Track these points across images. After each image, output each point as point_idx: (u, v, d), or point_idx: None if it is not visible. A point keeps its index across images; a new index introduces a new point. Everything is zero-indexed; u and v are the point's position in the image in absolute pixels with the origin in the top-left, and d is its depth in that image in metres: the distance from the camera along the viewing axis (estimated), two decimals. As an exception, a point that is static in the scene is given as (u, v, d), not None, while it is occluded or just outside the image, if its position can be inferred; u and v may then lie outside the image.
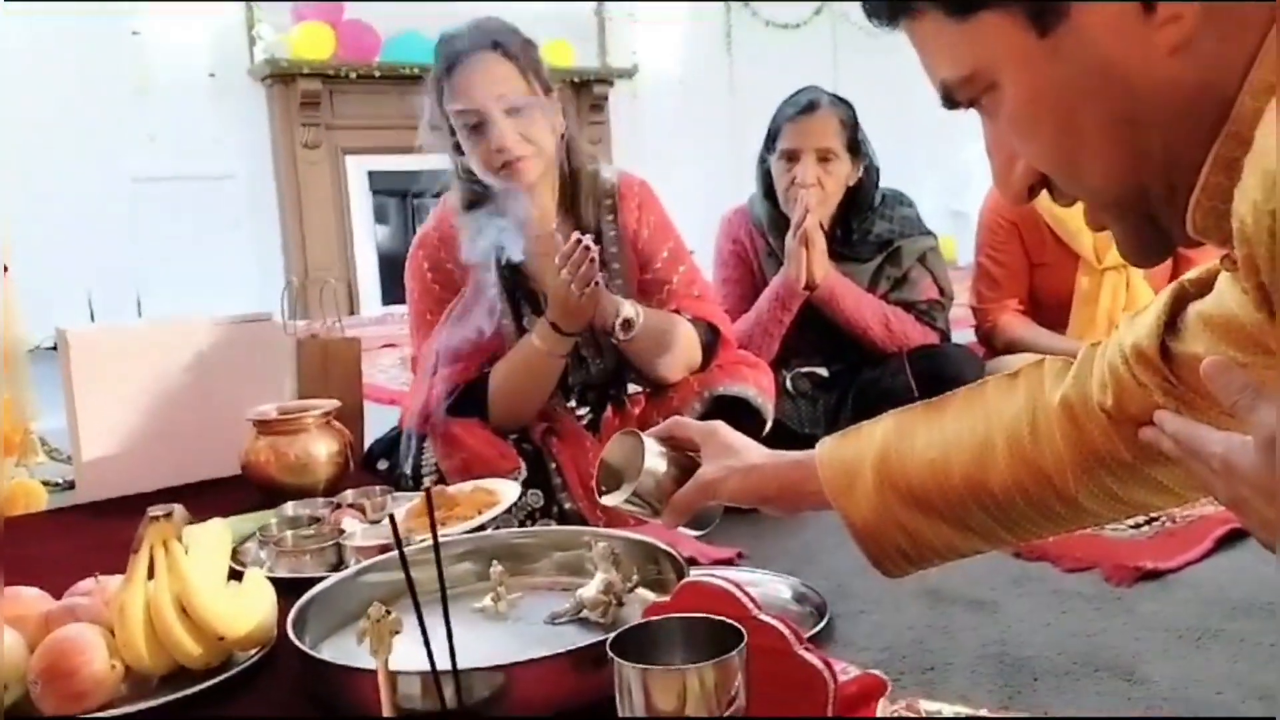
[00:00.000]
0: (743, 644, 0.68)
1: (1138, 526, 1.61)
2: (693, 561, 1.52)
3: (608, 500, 1.04)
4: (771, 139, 2.18)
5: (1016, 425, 0.86)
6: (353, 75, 6.05)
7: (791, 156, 2.13)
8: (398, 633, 0.76)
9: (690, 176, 6.85)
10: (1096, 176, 0.58)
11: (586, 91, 6.86)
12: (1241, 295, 0.59)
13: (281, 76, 5.98)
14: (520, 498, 1.56)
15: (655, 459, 1.02)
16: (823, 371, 2.21)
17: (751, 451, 1.02)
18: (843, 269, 2.14)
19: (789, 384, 2.17)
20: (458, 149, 1.72)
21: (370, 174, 6.38)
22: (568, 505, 1.66)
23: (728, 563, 1.55)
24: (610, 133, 7.08)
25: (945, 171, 6.81)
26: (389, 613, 0.76)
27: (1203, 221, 0.54)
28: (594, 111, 6.94)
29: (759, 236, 2.25)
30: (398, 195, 6.64)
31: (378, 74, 6.07)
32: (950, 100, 0.61)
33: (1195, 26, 0.51)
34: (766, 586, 1.42)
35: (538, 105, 1.68)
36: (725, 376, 1.78)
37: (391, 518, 0.73)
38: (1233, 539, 1.52)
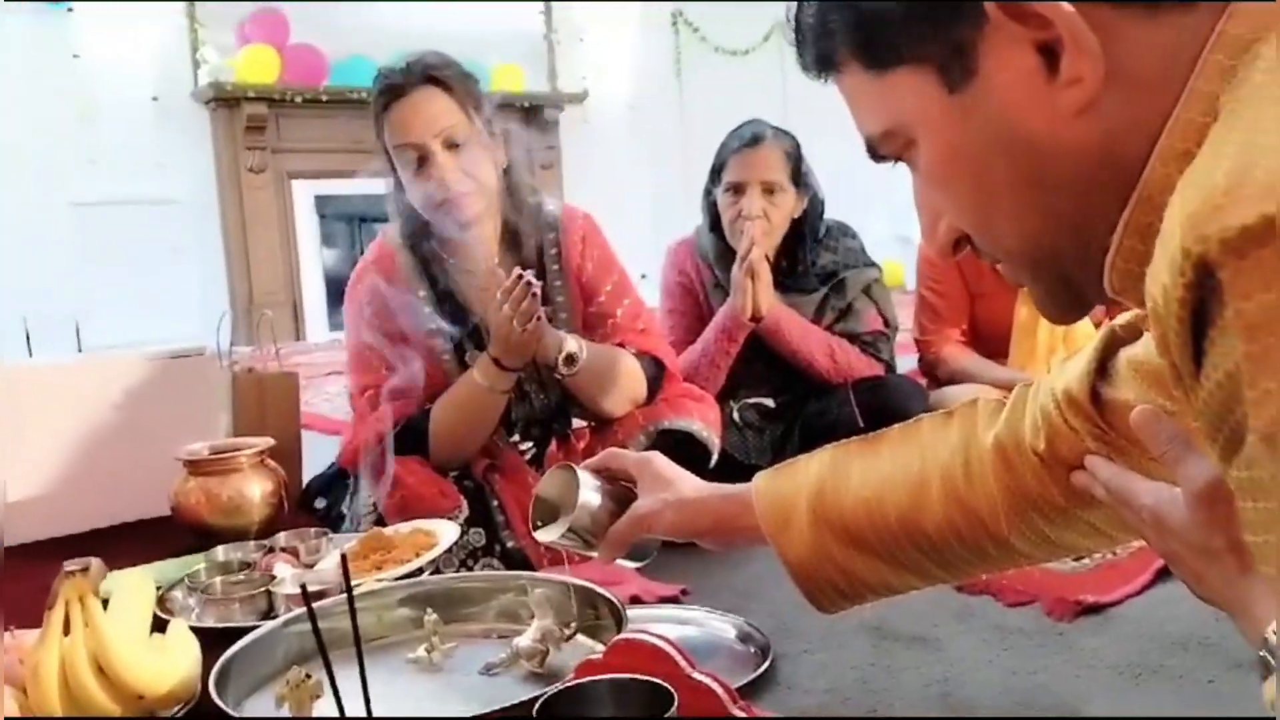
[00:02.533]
0: (673, 707, 0.66)
1: (1079, 559, 1.62)
2: (637, 600, 1.50)
3: (542, 536, 1.02)
4: (717, 172, 2.19)
5: (950, 465, 0.86)
6: (299, 99, 6.00)
7: (737, 189, 2.13)
8: (318, 697, 0.74)
9: (641, 200, 6.87)
10: (1009, 235, 0.58)
11: (536, 116, 6.86)
12: None
13: (226, 100, 5.91)
14: (461, 536, 1.53)
15: (590, 493, 1.00)
16: (769, 402, 2.20)
17: (686, 484, 1.01)
18: (788, 300, 2.14)
19: (736, 415, 2.16)
20: (398, 183, 1.70)
21: (317, 198, 6.33)
22: (510, 544, 1.63)
23: (672, 600, 1.53)
24: (561, 157, 7.08)
25: (894, 197, 6.88)
26: (308, 676, 0.73)
27: (1120, 283, 0.53)
28: (544, 136, 6.94)
29: (705, 268, 2.24)
30: (345, 219, 6.59)
31: (324, 98, 6.02)
32: (875, 154, 0.60)
33: (1098, 89, 0.51)
34: (710, 626, 1.41)
35: (478, 140, 1.66)
36: (670, 410, 1.77)
37: (303, 586, 0.71)
38: (1170, 572, 1.54)
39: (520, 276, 1.53)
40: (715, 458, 1.79)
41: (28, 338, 4.71)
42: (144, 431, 1.82)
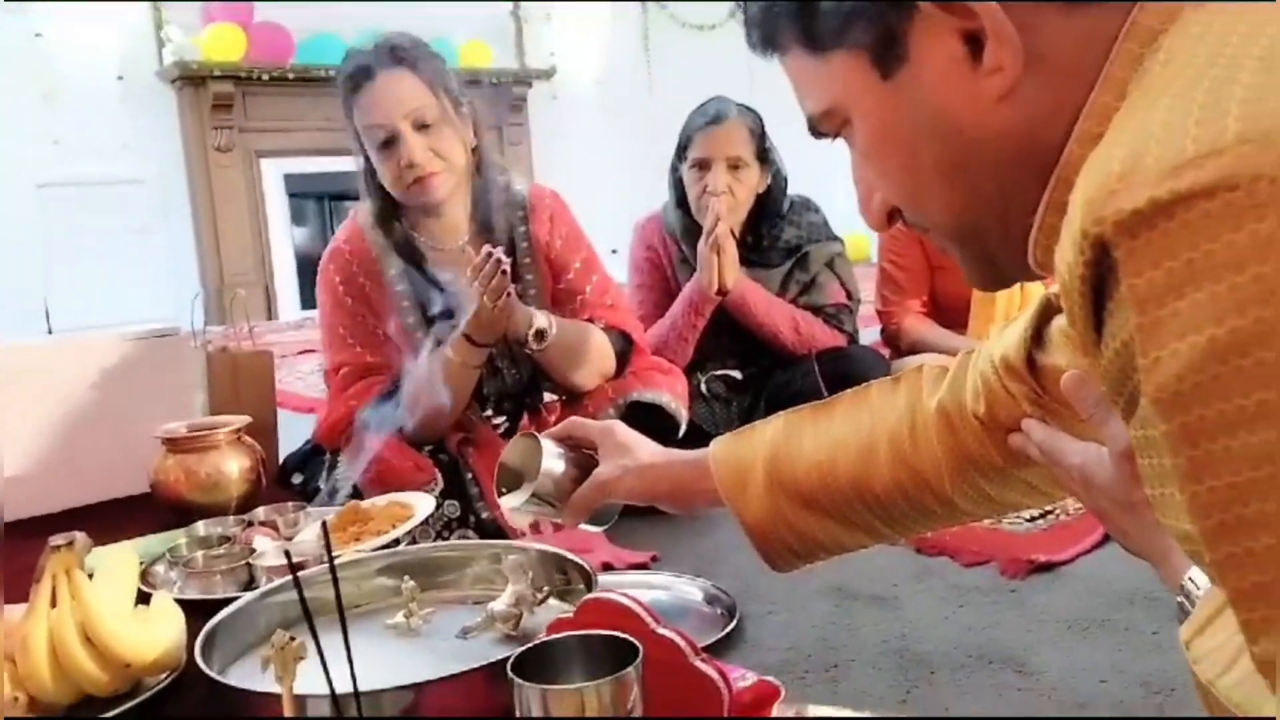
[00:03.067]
0: (638, 659, 0.71)
1: (1033, 520, 1.68)
2: (608, 566, 1.55)
3: (506, 502, 1.05)
4: (683, 149, 2.23)
5: (897, 429, 0.90)
6: (265, 77, 5.96)
7: (702, 165, 2.17)
8: (302, 659, 0.78)
9: (610, 175, 6.87)
10: (937, 212, 0.62)
11: (505, 92, 6.84)
12: None
13: (191, 79, 5.87)
14: (437, 508, 1.57)
15: (553, 460, 1.03)
16: (736, 374, 2.26)
17: (646, 450, 1.04)
18: (753, 274, 2.19)
19: (703, 386, 2.21)
20: (368, 163, 1.72)
21: (286, 176, 6.29)
22: (484, 515, 1.67)
23: (642, 566, 1.58)
24: (530, 133, 7.08)
25: (861, 170, 6.93)
26: (293, 639, 0.77)
27: (1043, 258, 0.57)
28: (513, 112, 6.93)
29: (672, 244, 2.28)
30: (315, 197, 6.56)
31: (291, 76, 5.98)
32: (815, 131, 0.65)
33: (1019, 77, 0.54)
34: (678, 590, 1.46)
35: (447, 120, 1.69)
36: (639, 383, 1.81)
37: (287, 553, 0.75)
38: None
39: (490, 254, 1.56)
40: (683, 428, 1.84)
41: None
42: (121, 411, 1.84)
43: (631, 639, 0.73)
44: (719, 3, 7.47)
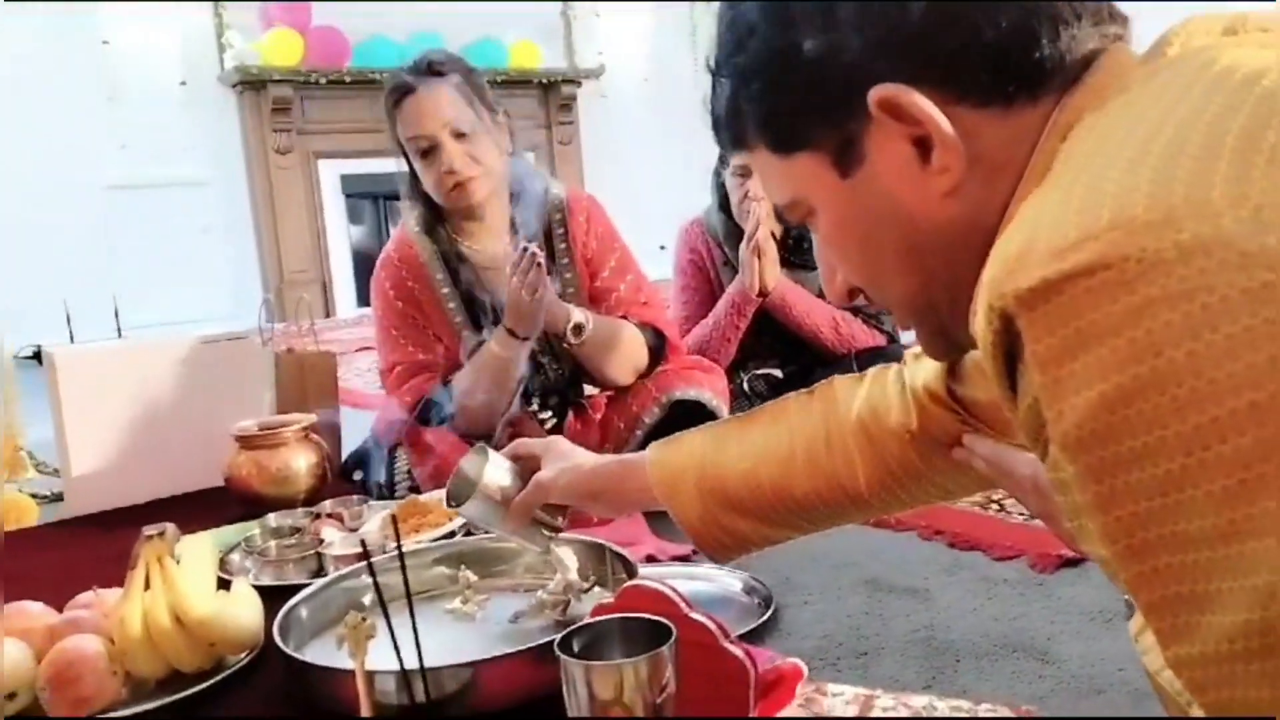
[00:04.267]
0: (673, 639, 0.79)
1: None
2: (652, 559, 1.62)
3: (457, 509, 1.12)
4: (726, 155, 2.29)
5: (814, 441, 0.99)
6: (322, 80, 6.12)
7: (745, 171, 2.23)
8: (372, 637, 0.86)
9: (659, 172, 6.95)
10: (894, 292, 0.69)
11: (555, 92, 6.94)
12: None
13: (252, 83, 6.04)
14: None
15: (496, 471, 1.11)
16: (777, 373, 2.32)
17: (583, 455, 1.13)
18: (794, 276, 2.25)
19: (746, 385, 2.28)
20: (413, 173, 1.83)
21: (342, 177, 6.46)
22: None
23: (684, 558, 1.65)
24: (579, 132, 7.17)
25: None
26: (364, 619, 0.86)
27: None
28: (563, 111, 7.03)
29: (715, 247, 2.35)
30: (370, 197, 6.72)
31: (347, 79, 6.14)
32: (780, 218, 0.72)
33: (962, 175, 0.61)
34: (719, 580, 1.53)
35: (483, 128, 1.79)
36: (680, 381, 1.89)
37: (363, 542, 0.84)
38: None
39: (526, 249, 1.66)
40: (725, 425, 1.91)
41: (68, 318, 4.89)
42: (195, 409, 1.96)
43: (666, 622, 0.81)
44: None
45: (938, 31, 0.59)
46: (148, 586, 1.12)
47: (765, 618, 1.38)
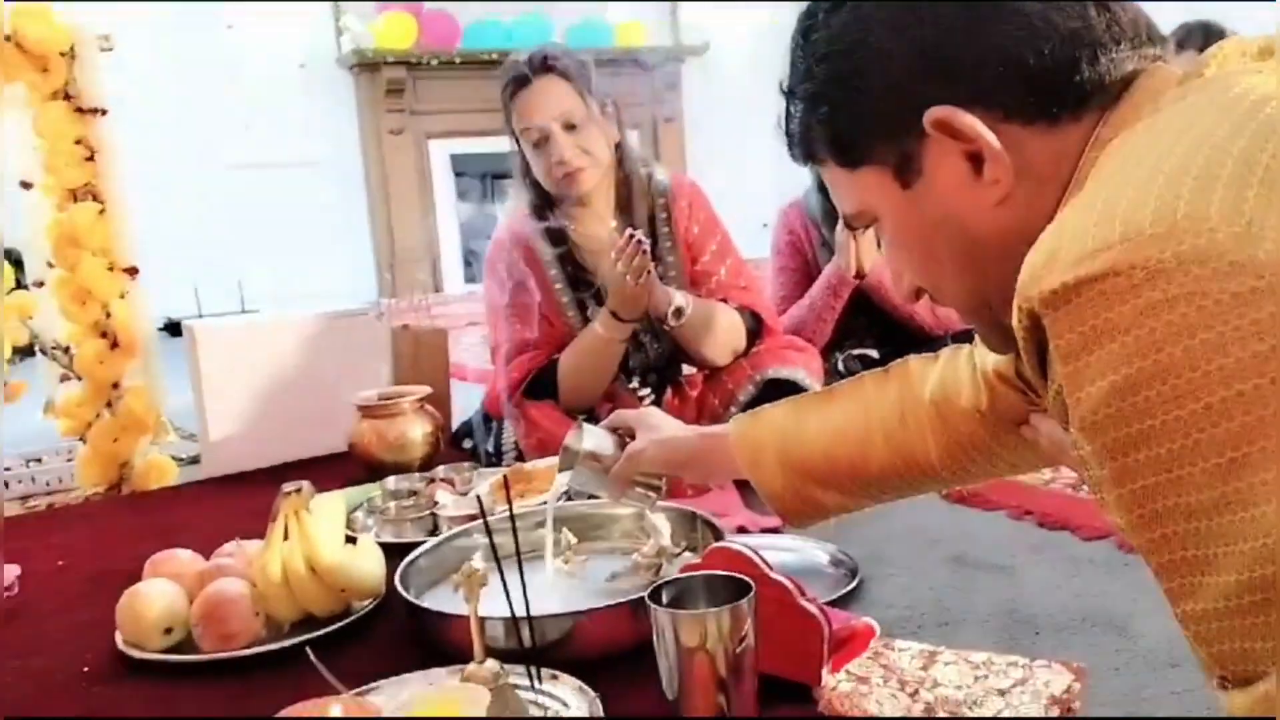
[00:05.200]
0: (752, 594, 0.87)
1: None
2: (743, 529, 1.69)
3: (561, 479, 1.23)
4: (824, 134, 2.33)
5: (890, 420, 1.06)
6: (434, 62, 6.29)
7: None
8: (485, 585, 0.97)
9: (762, 150, 6.93)
10: (953, 292, 0.76)
11: (659, 70, 6.99)
12: None
13: (367, 65, 6.25)
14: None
15: (595, 442, 1.20)
16: (873, 353, 2.36)
17: (671, 427, 1.21)
18: (891, 257, 2.28)
19: (841, 365, 2.32)
20: (524, 161, 1.92)
21: (452, 157, 6.63)
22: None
23: (774, 530, 1.72)
24: (683, 111, 7.21)
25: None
26: (478, 570, 0.96)
27: None
28: (667, 89, 7.07)
29: (813, 228, 2.40)
30: (478, 176, 6.89)
31: (457, 60, 6.29)
32: (850, 225, 0.79)
33: (1011, 186, 0.68)
34: (806, 552, 1.59)
35: (592, 120, 1.87)
36: (775, 360, 1.95)
37: (479, 498, 0.93)
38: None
39: (632, 235, 1.74)
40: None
41: (196, 294, 5.16)
42: (319, 380, 2.10)
43: (747, 579, 0.89)
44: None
45: (986, 60, 0.66)
46: (286, 538, 1.24)
47: (850, 587, 1.43)
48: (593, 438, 1.21)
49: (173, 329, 4.14)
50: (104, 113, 2.08)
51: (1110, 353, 0.53)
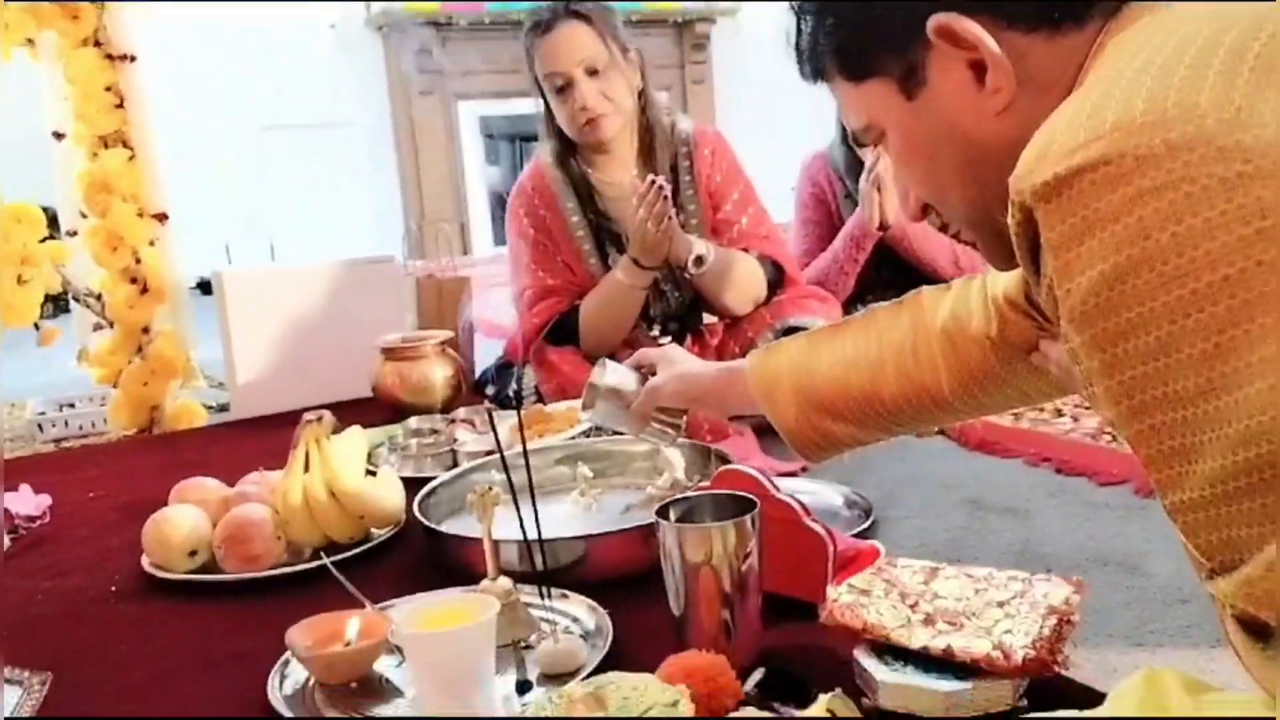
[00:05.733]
0: (756, 510, 0.88)
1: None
2: (761, 472, 1.72)
3: (585, 415, 1.24)
4: (849, 86, 2.32)
5: (902, 349, 1.06)
6: (463, 23, 6.28)
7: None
8: (498, 504, 0.99)
9: (792, 113, 6.88)
10: (956, 204, 0.76)
11: (689, 31, 6.95)
12: None
13: (397, 26, 6.25)
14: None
15: (617, 378, 1.22)
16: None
17: (691, 363, 1.23)
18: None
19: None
20: (547, 108, 1.93)
21: (481, 119, 6.64)
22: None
23: (791, 475, 1.73)
24: (712, 72, 7.17)
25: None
26: (490, 488, 0.98)
27: None
28: (696, 50, 7.03)
29: (837, 180, 2.39)
30: (507, 138, 6.89)
31: (487, 20, 6.28)
32: (858, 142, 0.80)
33: (1014, 95, 0.68)
34: (821, 495, 1.60)
35: (615, 66, 1.87)
36: (795, 309, 1.95)
37: (489, 414, 0.95)
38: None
39: (653, 181, 1.74)
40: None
41: (228, 255, 5.22)
42: (345, 326, 2.13)
43: (752, 497, 0.90)
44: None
45: None
46: (307, 468, 1.27)
47: (864, 527, 1.44)
48: (615, 374, 1.23)
49: (205, 288, 4.19)
50: (133, 59, 2.10)
51: (1100, 242, 0.54)
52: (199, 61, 5.82)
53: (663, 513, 0.91)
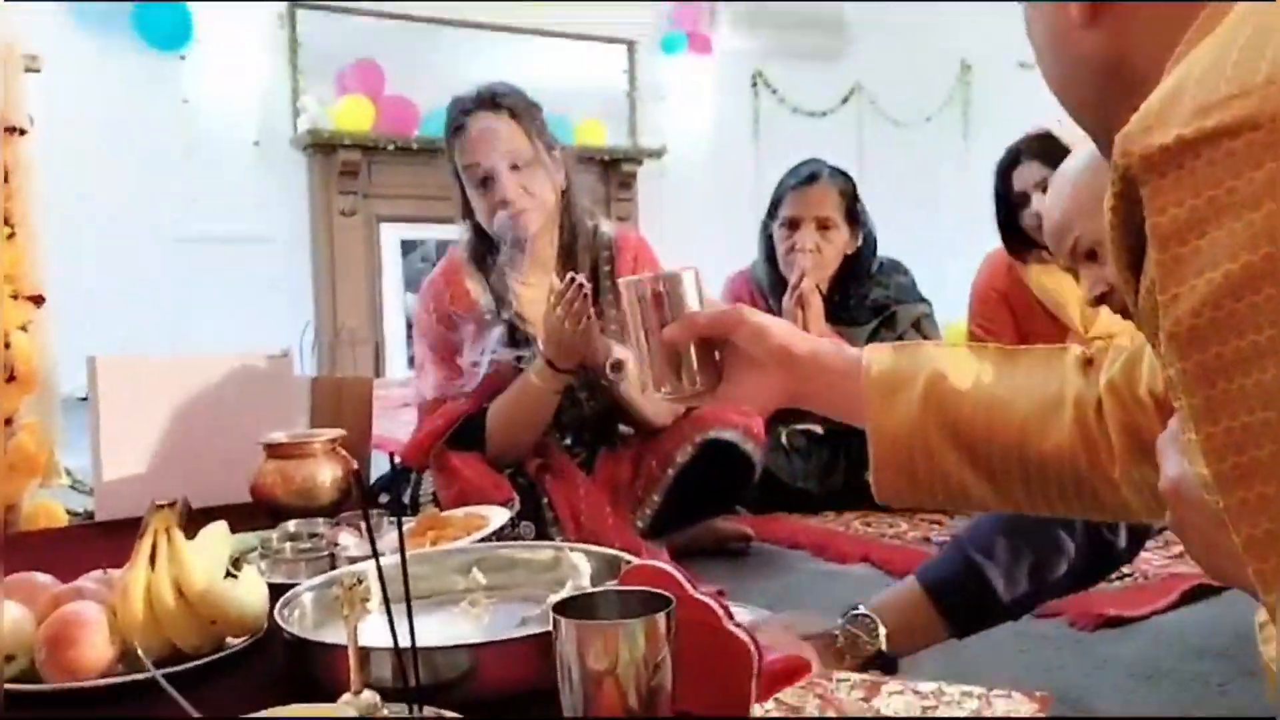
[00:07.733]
0: (670, 608, 0.75)
1: (1109, 581, 1.66)
2: (678, 568, 1.58)
3: (621, 283, 0.99)
4: (774, 207, 2.30)
5: (1085, 396, 0.85)
6: (391, 147, 6.28)
7: (792, 224, 2.23)
8: (367, 600, 0.84)
9: (714, 252, 6.96)
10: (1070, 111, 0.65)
11: (616, 169, 7.06)
12: None
13: (322, 146, 6.21)
14: (513, 527, 1.63)
15: (692, 286, 0.95)
16: (817, 429, 2.28)
17: (771, 321, 0.95)
18: (840, 332, 2.22)
19: (784, 439, 2.24)
20: (465, 201, 1.84)
21: (403, 242, 6.58)
22: (559, 540, 1.72)
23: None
24: (638, 209, 7.26)
25: (972, 255, 6.89)
26: (360, 581, 0.84)
27: None
28: (622, 189, 7.13)
29: (760, 298, 2.34)
30: (429, 263, 6.83)
31: (415, 146, 6.28)
32: None
33: (1099, 6, 0.57)
34: (740, 616, 1.48)
35: (539, 162, 1.80)
36: (716, 422, 1.86)
37: (365, 512, 0.81)
38: (1201, 594, 1.57)
39: (573, 279, 1.65)
40: (759, 470, 1.87)
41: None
42: (231, 426, 1.96)
43: (666, 594, 0.77)
44: (832, 90, 7.62)
45: None
46: (154, 563, 1.10)
47: (786, 653, 1.32)
48: (690, 285, 0.96)
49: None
50: (23, 132, 1.97)
51: (1229, 234, 0.40)
52: (118, 170, 5.70)
53: (560, 609, 0.77)
